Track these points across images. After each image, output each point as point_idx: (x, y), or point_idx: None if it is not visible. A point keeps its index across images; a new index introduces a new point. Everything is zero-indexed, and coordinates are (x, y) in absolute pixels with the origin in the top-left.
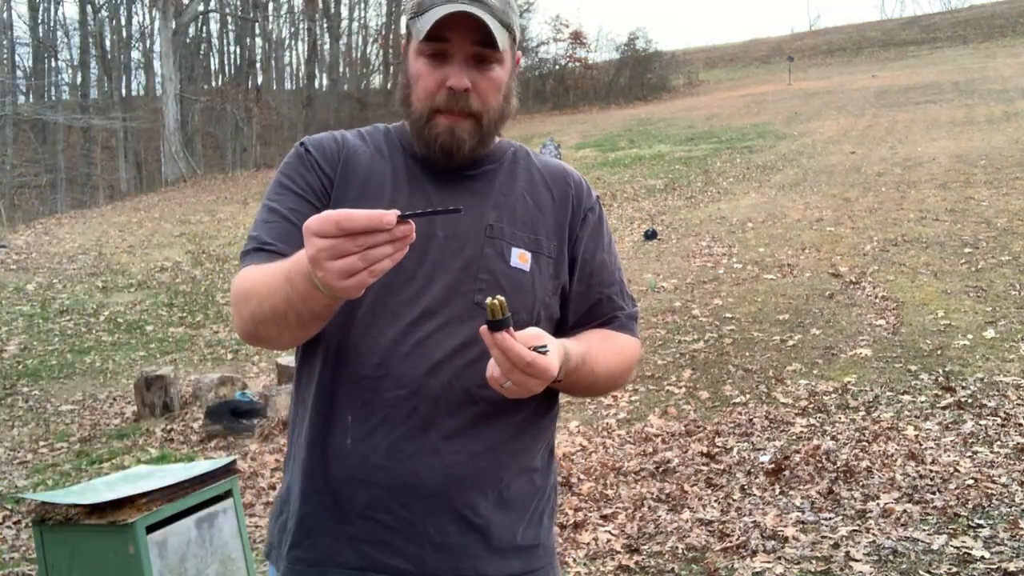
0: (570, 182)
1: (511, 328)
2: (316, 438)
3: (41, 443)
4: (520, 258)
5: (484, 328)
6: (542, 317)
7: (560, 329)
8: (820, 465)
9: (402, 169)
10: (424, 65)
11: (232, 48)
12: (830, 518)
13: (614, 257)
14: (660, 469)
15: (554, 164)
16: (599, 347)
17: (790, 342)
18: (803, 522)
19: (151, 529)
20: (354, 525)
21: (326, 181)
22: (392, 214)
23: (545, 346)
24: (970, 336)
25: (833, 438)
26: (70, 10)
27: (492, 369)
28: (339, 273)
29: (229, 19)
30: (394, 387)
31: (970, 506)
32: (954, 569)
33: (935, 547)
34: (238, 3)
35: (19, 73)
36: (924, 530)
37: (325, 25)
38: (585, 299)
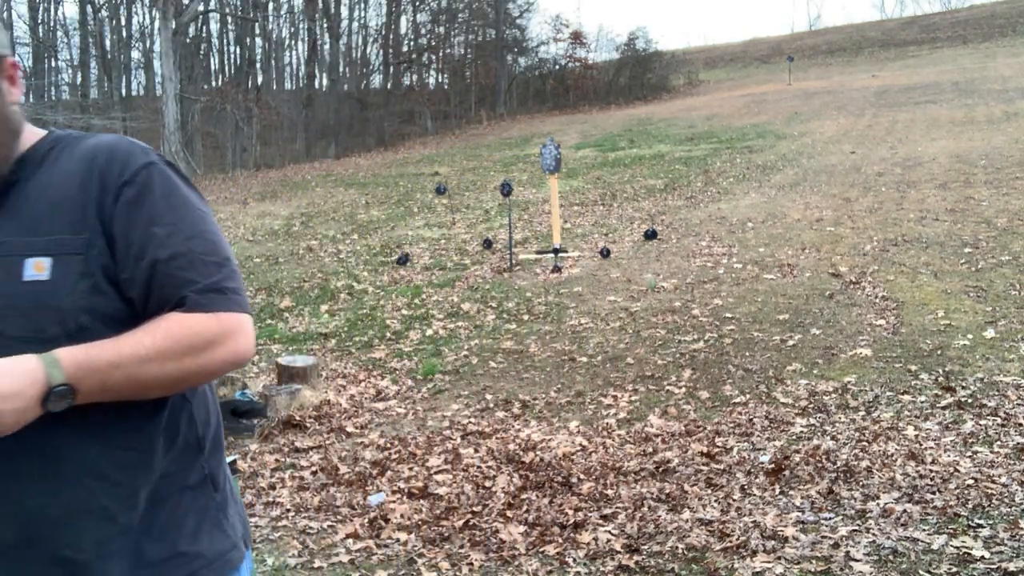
0: (95, 161)
1: None
2: None
3: None
4: (36, 268)
5: None
6: (87, 324)
7: (138, 324)
8: (820, 465)
9: None
10: None
11: (232, 48)
12: (830, 518)
13: (175, 227)
14: (660, 469)
15: (89, 145)
16: (140, 341)
17: (790, 342)
18: (803, 522)
19: None
20: None
21: None
22: None
23: None
24: (970, 336)
25: (833, 438)
26: (70, 10)
27: None
28: None
29: (229, 19)
30: None
31: (970, 506)
32: (954, 569)
33: (935, 547)
34: (238, 3)
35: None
36: (924, 530)
37: (325, 25)
38: (139, 283)
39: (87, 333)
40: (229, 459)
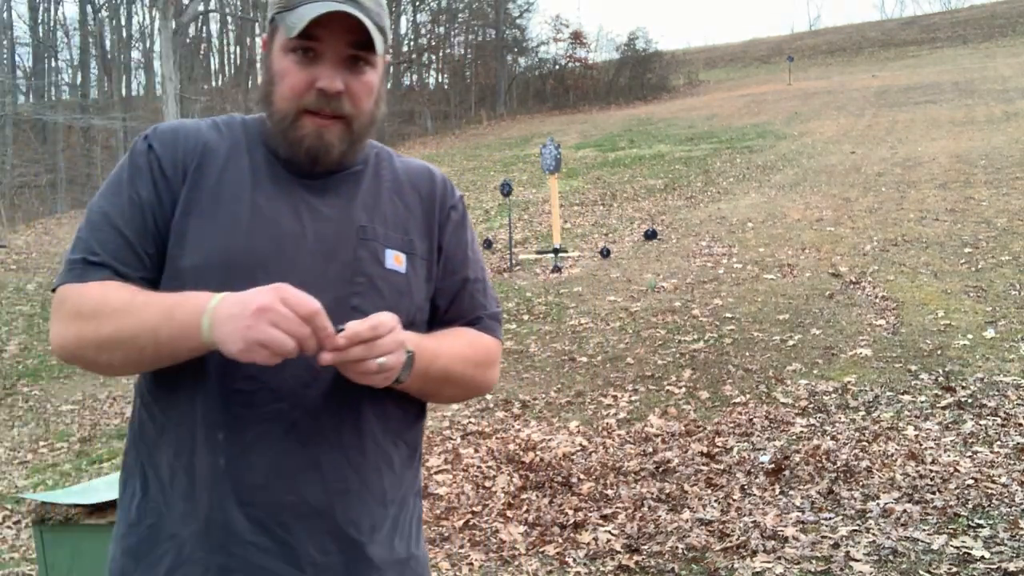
0: (435, 180)
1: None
2: (181, 460)
3: (41, 443)
4: (395, 260)
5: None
6: (416, 320)
7: (428, 328)
8: (820, 465)
9: (263, 167)
10: (292, 63)
11: (232, 48)
12: (830, 518)
13: (477, 255)
14: (660, 469)
15: (417, 164)
16: (451, 341)
17: (790, 342)
18: (803, 522)
19: None
20: (227, 552)
21: (167, 188)
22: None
23: (342, 328)
24: (970, 336)
25: (833, 438)
26: (70, 10)
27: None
28: (262, 339)
29: (229, 19)
30: (271, 400)
31: (970, 506)
32: (954, 569)
33: (935, 547)
34: (238, 3)
35: (19, 73)
36: (924, 530)
37: None
38: (448, 294)
39: (412, 328)
40: None
